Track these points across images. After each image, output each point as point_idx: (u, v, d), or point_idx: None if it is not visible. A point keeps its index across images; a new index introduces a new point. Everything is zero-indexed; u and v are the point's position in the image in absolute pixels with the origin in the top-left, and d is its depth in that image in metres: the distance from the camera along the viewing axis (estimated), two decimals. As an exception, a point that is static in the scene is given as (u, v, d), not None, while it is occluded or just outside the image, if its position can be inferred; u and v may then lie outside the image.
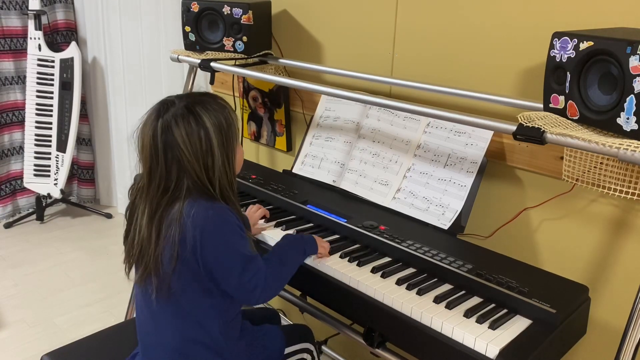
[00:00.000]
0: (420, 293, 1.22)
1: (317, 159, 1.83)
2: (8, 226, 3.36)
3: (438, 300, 1.19)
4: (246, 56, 1.92)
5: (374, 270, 1.32)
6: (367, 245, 1.44)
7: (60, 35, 3.41)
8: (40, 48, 3.20)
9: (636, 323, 1.04)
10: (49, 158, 3.31)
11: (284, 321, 2.24)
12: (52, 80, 3.24)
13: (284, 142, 2.18)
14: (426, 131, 1.60)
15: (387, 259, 1.38)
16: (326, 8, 1.92)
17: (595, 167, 1.24)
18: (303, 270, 1.33)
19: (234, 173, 1.24)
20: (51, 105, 3.26)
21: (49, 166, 3.32)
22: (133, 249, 1.20)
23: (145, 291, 1.22)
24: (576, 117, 1.15)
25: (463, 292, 1.24)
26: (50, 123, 3.27)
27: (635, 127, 1.02)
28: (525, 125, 1.16)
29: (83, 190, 3.69)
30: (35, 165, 3.31)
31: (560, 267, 1.42)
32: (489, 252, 1.39)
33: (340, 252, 1.39)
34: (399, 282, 1.26)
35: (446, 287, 1.26)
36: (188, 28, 1.91)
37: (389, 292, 1.22)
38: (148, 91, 3.33)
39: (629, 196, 1.18)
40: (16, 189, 3.48)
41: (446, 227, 1.47)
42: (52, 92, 3.25)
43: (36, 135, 3.29)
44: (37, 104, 3.26)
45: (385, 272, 1.30)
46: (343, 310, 1.35)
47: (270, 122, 2.21)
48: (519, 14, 1.43)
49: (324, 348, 2.07)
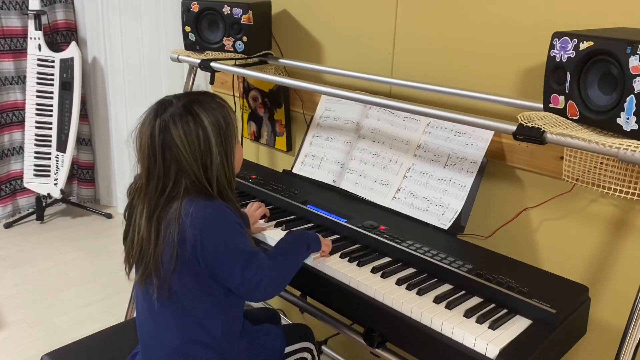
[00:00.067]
0: (420, 293, 1.22)
1: (317, 159, 1.83)
2: (8, 226, 3.36)
3: (438, 300, 1.19)
4: (246, 56, 1.92)
5: (374, 270, 1.32)
6: (367, 245, 1.44)
7: (60, 35, 3.41)
8: (40, 48, 3.20)
9: (636, 323, 1.04)
10: (49, 158, 3.31)
11: (284, 321, 2.24)
12: (52, 80, 3.24)
13: (284, 142, 2.18)
14: (426, 131, 1.60)
15: (387, 259, 1.38)
16: (326, 8, 1.92)
17: (595, 167, 1.24)
18: (303, 270, 1.33)
19: (233, 172, 1.24)
20: (51, 105, 3.26)
21: (49, 166, 3.32)
22: (133, 250, 1.20)
23: (146, 291, 1.21)
24: (576, 117, 1.15)
25: (463, 292, 1.24)
26: (50, 123, 3.27)
27: (635, 127, 1.02)
28: (525, 125, 1.15)
29: (83, 190, 3.69)
30: (35, 165, 3.31)
31: (560, 267, 1.42)
32: (489, 252, 1.39)
33: (340, 252, 1.39)
34: (399, 282, 1.26)
35: (446, 287, 1.26)
36: (188, 28, 1.91)
37: (389, 292, 1.22)
38: (148, 91, 3.33)
39: (629, 196, 1.18)
40: (16, 189, 3.48)
41: (446, 227, 1.47)
42: (52, 92, 3.25)
43: (36, 135, 3.29)
44: (37, 104, 3.26)
45: (385, 272, 1.30)
46: (343, 310, 1.35)
47: (270, 122, 2.21)
48: (519, 14, 1.43)
49: (324, 348, 2.07)
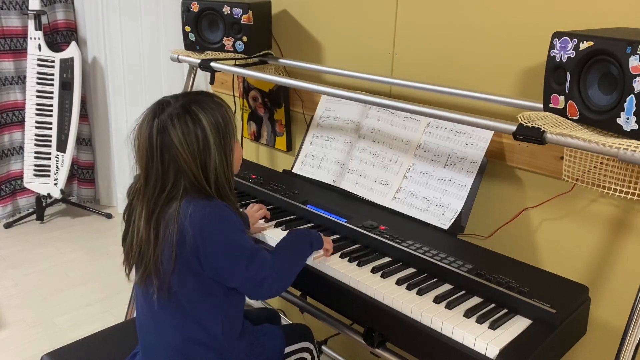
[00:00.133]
0: (420, 293, 1.22)
1: (317, 159, 1.83)
2: (8, 226, 3.36)
3: (438, 300, 1.19)
4: (246, 56, 1.92)
5: (374, 270, 1.32)
6: (367, 245, 1.44)
7: (60, 35, 3.41)
8: (40, 48, 3.20)
9: (636, 323, 1.04)
10: (49, 158, 3.31)
11: (284, 321, 2.24)
12: (52, 80, 3.24)
13: (284, 142, 2.18)
14: (426, 131, 1.60)
15: (387, 259, 1.38)
16: (326, 8, 1.92)
17: (595, 167, 1.24)
18: (303, 270, 1.33)
19: (232, 171, 1.23)
20: (51, 105, 3.26)
21: (49, 166, 3.32)
22: (132, 251, 1.20)
23: (146, 292, 1.21)
24: (576, 117, 1.15)
25: (463, 292, 1.24)
26: (50, 123, 3.27)
27: (635, 127, 1.02)
28: (525, 125, 1.15)
29: (83, 190, 3.69)
30: (35, 165, 3.31)
31: (560, 267, 1.42)
32: (489, 252, 1.39)
33: (340, 252, 1.39)
34: (399, 282, 1.26)
35: (446, 287, 1.26)
36: (188, 28, 1.91)
37: (389, 292, 1.22)
38: (148, 91, 3.33)
39: (629, 196, 1.18)
40: (16, 189, 3.48)
41: (446, 227, 1.47)
42: (52, 92, 3.25)
43: (36, 135, 3.29)
44: (37, 104, 3.26)
45: (385, 272, 1.30)
46: (343, 310, 1.34)
47: (270, 122, 2.21)
48: (519, 14, 1.43)
49: (324, 348, 2.07)
